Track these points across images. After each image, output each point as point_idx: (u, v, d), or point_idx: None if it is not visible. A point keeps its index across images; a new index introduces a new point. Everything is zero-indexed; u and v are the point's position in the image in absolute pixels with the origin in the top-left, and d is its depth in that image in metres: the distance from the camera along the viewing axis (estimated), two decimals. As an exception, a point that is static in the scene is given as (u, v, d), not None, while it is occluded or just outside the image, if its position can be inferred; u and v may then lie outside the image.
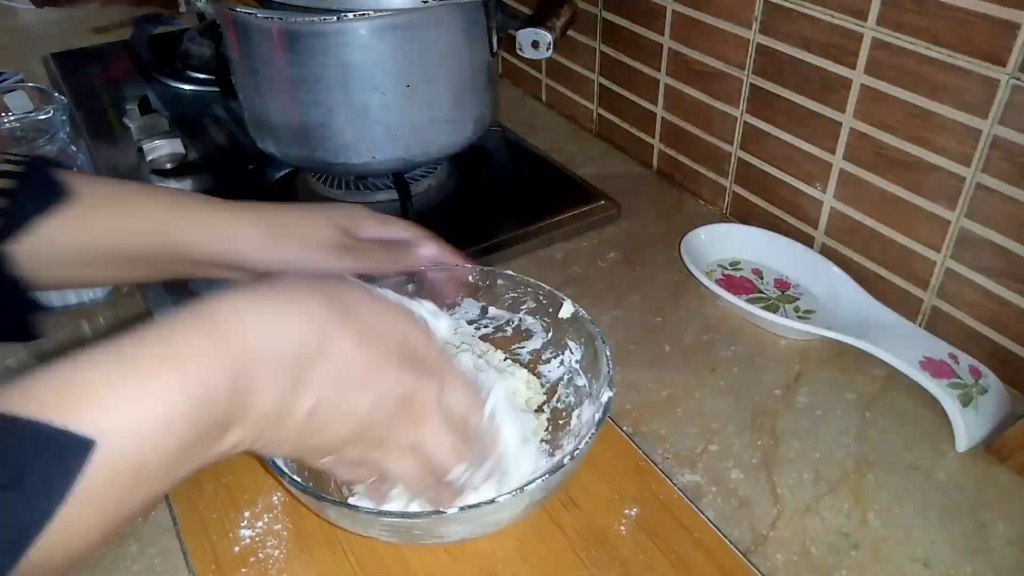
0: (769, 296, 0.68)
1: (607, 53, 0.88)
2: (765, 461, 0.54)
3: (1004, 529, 0.49)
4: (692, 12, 0.75)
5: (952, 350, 0.59)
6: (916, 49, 0.57)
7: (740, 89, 0.73)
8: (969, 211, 0.58)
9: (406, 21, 0.66)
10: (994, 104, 0.53)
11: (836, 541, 0.49)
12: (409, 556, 0.48)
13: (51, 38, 1.20)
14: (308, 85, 0.68)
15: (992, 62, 0.53)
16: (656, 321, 0.66)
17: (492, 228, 0.76)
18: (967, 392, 0.55)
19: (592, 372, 0.52)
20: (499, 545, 0.48)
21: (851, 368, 0.61)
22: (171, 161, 0.85)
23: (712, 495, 0.52)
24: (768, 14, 0.67)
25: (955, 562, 0.48)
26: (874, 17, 0.59)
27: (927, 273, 0.62)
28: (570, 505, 0.50)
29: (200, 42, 1.09)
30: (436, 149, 0.74)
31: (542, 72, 1.01)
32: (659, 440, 0.56)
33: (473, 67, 0.72)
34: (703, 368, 0.62)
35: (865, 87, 0.61)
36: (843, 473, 0.53)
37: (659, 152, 0.86)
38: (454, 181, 0.83)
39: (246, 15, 0.66)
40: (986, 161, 0.55)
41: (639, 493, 0.51)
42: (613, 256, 0.74)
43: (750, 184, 0.76)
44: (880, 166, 0.63)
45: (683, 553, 0.47)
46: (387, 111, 0.69)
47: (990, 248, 0.57)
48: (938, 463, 0.54)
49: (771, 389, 0.60)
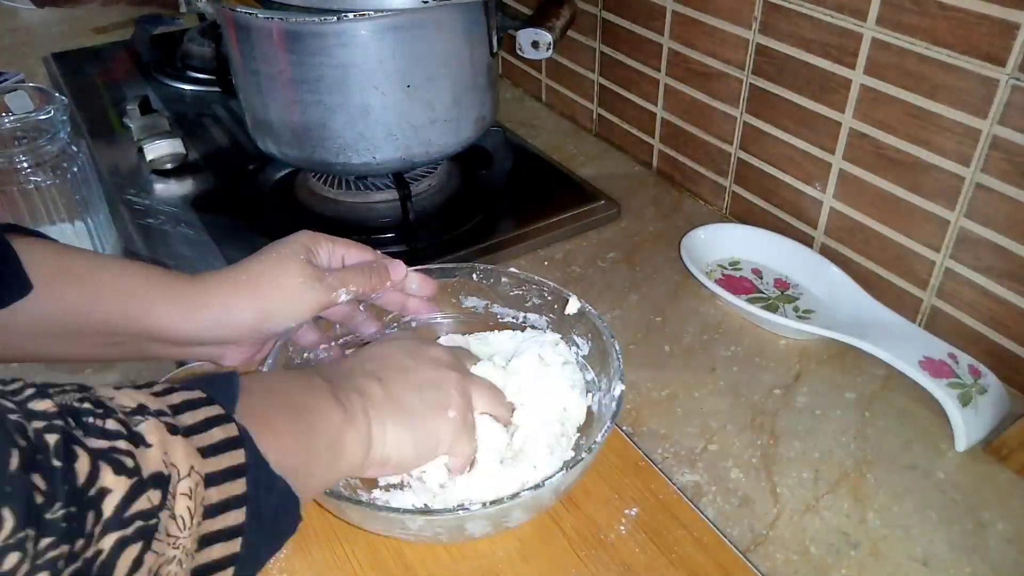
0: (769, 296, 0.68)
1: (607, 53, 0.88)
2: (765, 460, 0.54)
3: (1003, 528, 0.50)
4: (692, 12, 0.75)
5: (951, 350, 0.59)
6: (916, 49, 0.57)
7: (740, 89, 0.73)
8: (969, 211, 0.58)
9: (406, 21, 0.66)
10: (993, 104, 0.53)
11: (835, 540, 0.49)
12: (409, 555, 0.48)
13: (52, 38, 1.20)
14: (308, 85, 0.68)
15: (991, 62, 0.53)
16: (656, 321, 0.67)
17: (492, 228, 0.76)
18: (966, 392, 0.55)
19: (601, 366, 0.52)
20: (499, 545, 0.48)
21: (851, 368, 0.61)
22: (171, 161, 0.85)
23: (712, 494, 0.52)
24: (768, 14, 0.67)
25: (954, 561, 0.48)
26: (874, 17, 0.59)
27: (926, 273, 0.62)
28: (570, 505, 0.50)
29: (201, 42, 1.09)
30: (436, 149, 0.74)
31: (542, 72, 1.01)
32: (659, 440, 0.56)
33: (473, 67, 0.72)
34: (703, 368, 0.62)
35: (865, 87, 0.61)
36: (842, 472, 0.53)
37: (659, 152, 0.86)
38: (454, 181, 0.83)
39: (246, 15, 0.66)
40: (985, 161, 0.55)
41: (639, 493, 0.51)
42: (613, 256, 0.74)
43: (750, 184, 0.76)
44: (880, 166, 0.63)
45: (683, 552, 0.47)
46: (387, 111, 0.69)
47: (989, 248, 0.57)
48: (937, 462, 0.54)
49: (771, 389, 0.60)
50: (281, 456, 0.35)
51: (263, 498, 0.34)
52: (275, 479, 0.35)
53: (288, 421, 0.38)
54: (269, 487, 0.35)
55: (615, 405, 0.47)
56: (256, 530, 0.33)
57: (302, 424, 0.39)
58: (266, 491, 0.34)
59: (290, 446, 0.37)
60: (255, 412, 0.36)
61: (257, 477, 0.34)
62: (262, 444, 0.34)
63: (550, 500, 0.47)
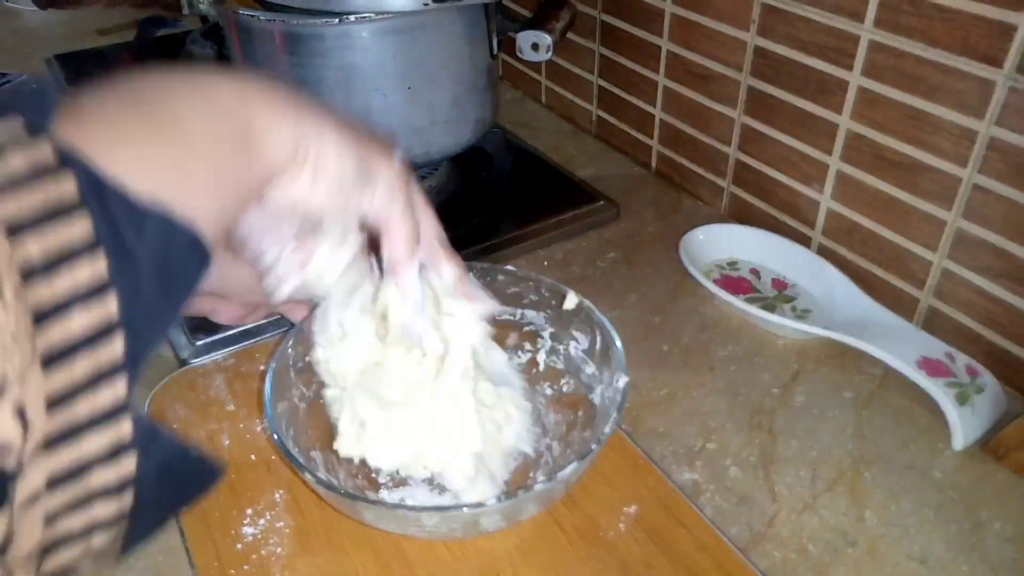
0: (767, 296, 0.68)
1: (606, 55, 0.88)
2: (763, 459, 0.54)
3: (1000, 527, 0.50)
4: (690, 15, 0.75)
5: (949, 349, 0.59)
6: (913, 51, 0.57)
7: (738, 91, 0.73)
8: (966, 212, 0.58)
9: (407, 23, 0.66)
10: (990, 105, 0.54)
11: (833, 539, 0.49)
12: (410, 553, 0.48)
13: (54, 40, 1.20)
14: (310, 87, 0.68)
15: (988, 64, 0.53)
16: (655, 320, 0.67)
17: (492, 228, 0.77)
18: (964, 391, 0.56)
19: (601, 360, 0.52)
20: (499, 544, 0.49)
21: (848, 367, 0.61)
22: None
23: (710, 493, 0.52)
24: (765, 16, 0.68)
25: (952, 560, 0.48)
26: (871, 19, 0.59)
27: (924, 273, 0.62)
28: (569, 503, 0.51)
29: (203, 44, 1.09)
30: (436, 150, 0.74)
31: (542, 74, 1.02)
32: (658, 438, 0.56)
33: (473, 69, 0.73)
34: (701, 367, 0.62)
35: (862, 89, 0.62)
36: (840, 471, 0.53)
37: (658, 153, 0.87)
38: (454, 182, 0.84)
39: (249, 17, 0.66)
40: (982, 162, 0.56)
41: (638, 491, 0.51)
42: (612, 256, 0.75)
43: (748, 185, 0.77)
44: (877, 167, 0.63)
45: (681, 550, 0.48)
46: (388, 113, 0.69)
47: (986, 248, 0.57)
48: (935, 462, 0.54)
49: (769, 388, 0.60)
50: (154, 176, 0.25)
51: (127, 234, 0.24)
52: (140, 207, 0.25)
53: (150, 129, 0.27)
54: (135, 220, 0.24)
55: (620, 396, 0.48)
56: (132, 277, 0.24)
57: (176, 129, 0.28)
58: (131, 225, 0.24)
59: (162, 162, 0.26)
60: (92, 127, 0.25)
61: (106, 208, 0.24)
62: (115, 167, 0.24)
63: (561, 492, 0.48)
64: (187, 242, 0.27)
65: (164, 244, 0.25)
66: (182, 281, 0.27)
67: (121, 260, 0.24)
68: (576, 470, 0.44)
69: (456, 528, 0.46)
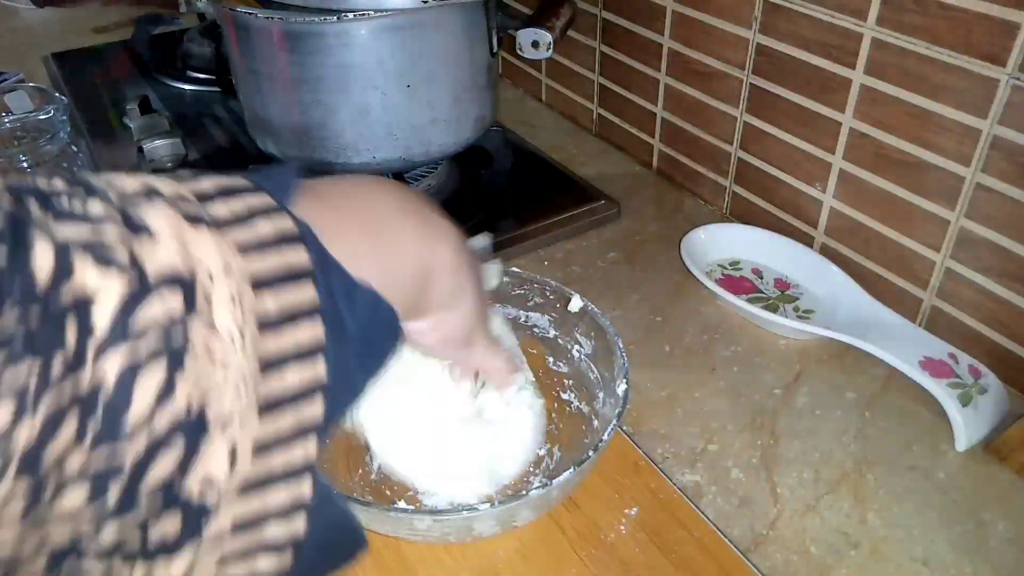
0: (769, 296, 0.68)
1: (607, 53, 0.88)
2: (765, 460, 0.54)
3: (1004, 528, 0.50)
4: (692, 12, 0.75)
5: (952, 350, 0.59)
6: (916, 49, 0.57)
7: (740, 89, 0.73)
8: (969, 211, 0.58)
9: (406, 21, 0.66)
10: (994, 104, 0.53)
11: (836, 540, 0.49)
12: (409, 555, 0.48)
13: (52, 38, 1.20)
14: (308, 85, 0.68)
15: (992, 62, 0.53)
16: (656, 321, 0.67)
17: (492, 228, 0.76)
18: (967, 392, 0.55)
19: (604, 365, 0.52)
20: (499, 545, 0.48)
21: (851, 368, 0.61)
22: (171, 161, 0.85)
23: (712, 494, 0.52)
24: (768, 14, 0.67)
25: (955, 561, 0.48)
26: (874, 17, 0.59)
27: (927, 273, 0.62)
28: (570, 505, 0.50)
29: (201, 42, 1.09)
30: (436, 149, 0.74)
31: (542, 72, 1.01)
32: (659, 439, 0.56)
33: (473, 67, 0.72)
34: (703, 368, 0.62)
35: (865, 87, 0.61)
36: (843, 473, 0.53)
37: (659, 152, 0.86)
38: (454, 181, 0.83)
39: (246, 15, 0.66)
40: (986, 161, 0.55)
41: (639, 493, 0.51)
42: (613, 256, 0.74)
43: (750, 184, 0.76)
44: (880, 166, 0.63)
45: (683, 553, 0.47)
46: (387, 111, 0.69)
47: (990, 248, 0.57)
48: (938, 463, 0.54)
49: (771, 389, 0.60)
50: (358, 272, 0.28)
51: (343, 307, 0.27)
52: (355, 285, 0.27)
53: (365, 232, 0.30)
54: (349, 295, 0.27)
55: (620, 403, 0.47)
56: (341, 346, 0.26)
57: (384, 241, 0.31)
58: (346, 299, 0.27)
59: (368, 264, 0.29)
60: (321, 213, 0.28)
61: (328, 280, 0.26)
62: (333, 251, 0.27)
63: (557, 498, 0.47)
64: (388, 318, 0.30)
65: (370, 317, 0.28)
66: (379, 354, 0.30)
67: (335, 328, 0.26)
68: (572, 477, 0.43)
69: (449, 532, 0.45)
